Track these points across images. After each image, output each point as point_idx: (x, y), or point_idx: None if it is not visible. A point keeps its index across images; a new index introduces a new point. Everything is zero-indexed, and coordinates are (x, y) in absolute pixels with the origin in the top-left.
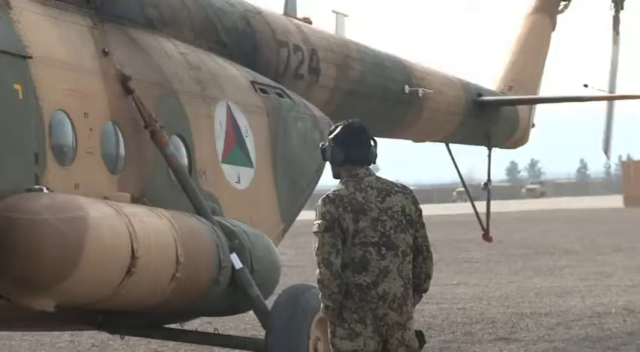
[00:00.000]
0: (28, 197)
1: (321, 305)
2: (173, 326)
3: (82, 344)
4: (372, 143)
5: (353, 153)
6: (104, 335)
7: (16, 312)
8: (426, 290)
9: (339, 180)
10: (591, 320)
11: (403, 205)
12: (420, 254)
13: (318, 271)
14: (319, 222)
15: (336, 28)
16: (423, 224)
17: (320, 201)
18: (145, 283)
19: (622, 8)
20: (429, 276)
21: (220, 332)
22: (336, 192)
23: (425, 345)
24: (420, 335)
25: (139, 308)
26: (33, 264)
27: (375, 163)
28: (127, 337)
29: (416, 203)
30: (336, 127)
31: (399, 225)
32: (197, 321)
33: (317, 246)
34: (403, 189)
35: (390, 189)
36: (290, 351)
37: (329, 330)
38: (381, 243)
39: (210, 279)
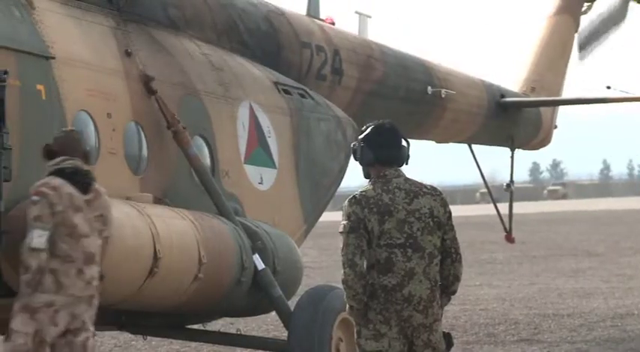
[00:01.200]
0: None
1: (347, 305)
2: (195, 326)
3: (104, 344)
4: (404, 144)
5: (381, 153)
6: (127, 336)
7: None
8: (454, 293)
9: (368, 181)
10: (614, 322)
11: (431, 207)
12: (449, 256)
13: (342, 271)
14: (345, 222)
15: (358, 29)
16: (452, 226)
17: (346, 201)
18: (168, 283)
19: None
20: (457, 279)
21: (243, 332)
22: (363, 193)
23: (452, 347)
24: (447, 337)
25: (161, 309)
26: None
27: (407, 164)
28: (149, 337)
29: (445, 205)
30: (367, 127)
31: (426, 227)
32: (219, 322)
33: (342, 246)
34: (432, 191)
35: (418, 190)
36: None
37: (355, 330)
38: (407, 245)
39: (232, 280)
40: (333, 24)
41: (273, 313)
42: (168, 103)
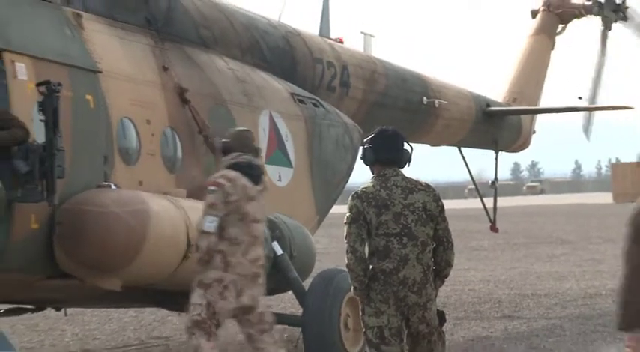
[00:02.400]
0: (99, 192)
1: (352, 287)
2: None
3: (144, 319)
4: (406, 148)
5: (381, 155)
6: (164, 312)
7: (87, 291)
8: (446, 276)
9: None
10: (584, 301)
11: (425, 202)
12: (441, 244)
13: (346, 257)
14: (348, 214)
15: (364, 47)
16: (445, 218)
17: (350, 196)
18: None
19: (610, 29)
20: (449, 264)
21: None
22: (364, 190)
23: (445, 323)
24: (441, 314)
25: (177, 287)
26: (102, 250)
27: (408, 166)
28: (183, 313)
29: (438, 200)
30: (373, 132)
31: (419, 219)
32: None
33: (345, 235)
34: (426, 188)
35: (413, 187)
36: (324, 326)
37: (360, 308)
38: (402, 234)
39: None
40: (342, 43)
41: (290, 293)
42: (199, 111)
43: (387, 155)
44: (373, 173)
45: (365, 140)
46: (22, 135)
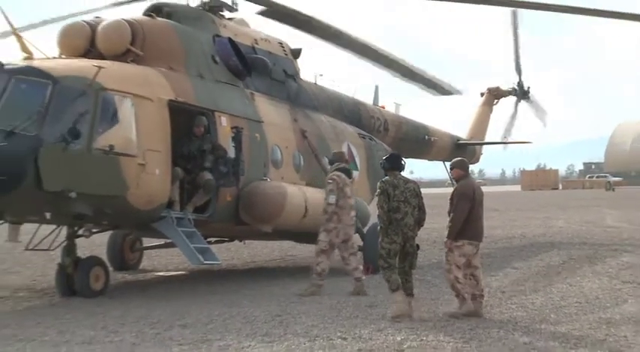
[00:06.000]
0: (261, 182)
1: (379, 227)
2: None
3: (283, 245)
4: (403, 162)
5: (393, 165)
6: (293, 243)
7: (255, 232)
8: (422, 225)
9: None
10: (506, 240)
11: (413, 187)
12: (420, 209)
13: (377, 212)
14: (378, 190)
15: (395, 109)
16: (422, 196)
17: (379, 182)
18: (309, 220)
19: (520, 102)
20: (423, 219)
21: None
22: (386, 179)
23: (419, 250)
24: (417, 245)
25: (300, 231)
26: (263, 212)
27: (403, 170)
28: (304, 243)
29: (418, 187)
30: (387, 154)
31: (412, 194)
32: None
33: (377, 201)
34: (413, 181)
35: (408, 180)
36: (373, 250)
37: (379, 239)
38: (404, 201)
39: None
40: (384, 108)
41: (357, 234)
42: (312, 142)
43: (395, 165)
44: (386, 175)
45: (383, 158)
46: (223, 154)
